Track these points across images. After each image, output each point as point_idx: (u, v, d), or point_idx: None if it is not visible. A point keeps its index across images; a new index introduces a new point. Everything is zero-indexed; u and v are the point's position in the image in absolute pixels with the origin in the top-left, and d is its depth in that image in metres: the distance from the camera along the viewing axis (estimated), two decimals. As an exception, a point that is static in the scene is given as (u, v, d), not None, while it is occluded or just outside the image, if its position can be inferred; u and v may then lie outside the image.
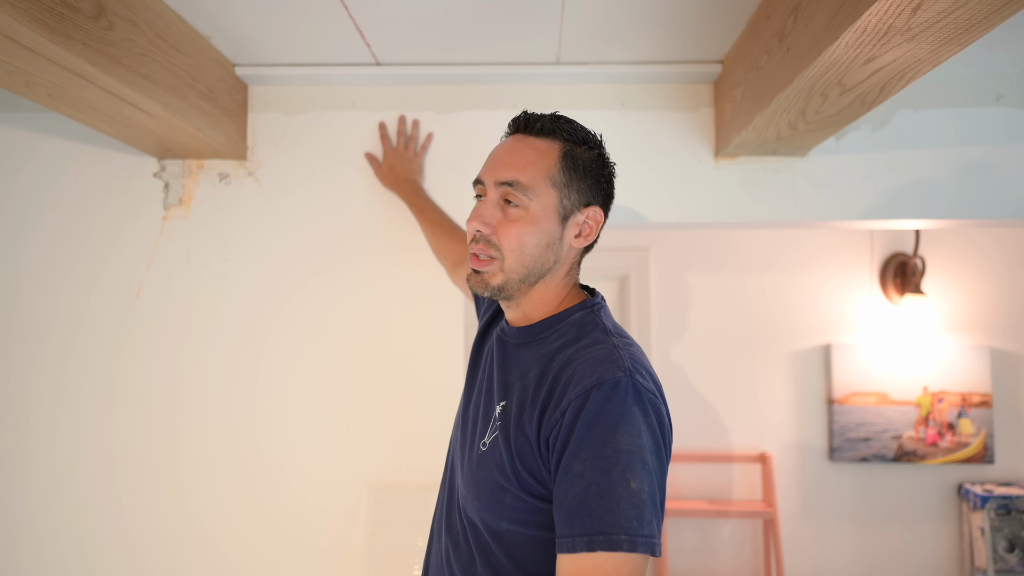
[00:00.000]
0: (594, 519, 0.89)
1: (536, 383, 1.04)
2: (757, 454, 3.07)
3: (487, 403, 1.13)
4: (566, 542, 0.91)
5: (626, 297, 3.19)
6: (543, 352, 1.08)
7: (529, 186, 1.07)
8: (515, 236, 1.07)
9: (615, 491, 0.90)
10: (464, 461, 1.12)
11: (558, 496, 0.94)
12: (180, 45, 1.57)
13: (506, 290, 1.10)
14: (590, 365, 0.98)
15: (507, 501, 1.01)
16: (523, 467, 1.00)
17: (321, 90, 1.87)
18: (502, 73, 1.81)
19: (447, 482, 1.21)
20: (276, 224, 1.86)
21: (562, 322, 1.10)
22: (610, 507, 0.89)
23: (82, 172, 1.89)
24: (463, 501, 1.10)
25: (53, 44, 1.19)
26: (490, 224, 1.08)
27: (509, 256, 1.07)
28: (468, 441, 1.14)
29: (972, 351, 3.04)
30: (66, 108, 1.49)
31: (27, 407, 1.86)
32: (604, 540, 0.88)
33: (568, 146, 1.09)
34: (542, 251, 1.08)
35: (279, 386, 1.83)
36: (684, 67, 1.77)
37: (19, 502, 1.84)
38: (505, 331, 1.18)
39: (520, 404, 1.04)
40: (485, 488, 1.04)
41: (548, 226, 1.08)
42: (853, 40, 1.11)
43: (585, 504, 0.90)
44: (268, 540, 1.81)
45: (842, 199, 1.81)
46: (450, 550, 1.12)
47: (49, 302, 1.87)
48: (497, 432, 1.05)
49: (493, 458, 1.04)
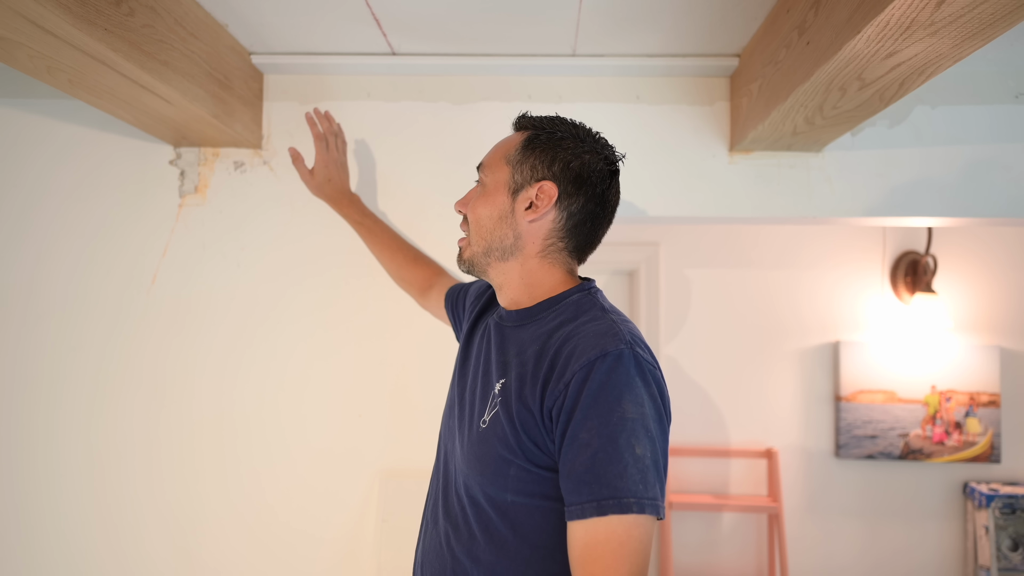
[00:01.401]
0: (603, 484, 0.93)
1: (536, 358, 1.07)
2: (763, 450, 3.07)
3: (484, 383, 1.16)
4: (576, 509, 0.95)
5: (635, 292, 3.19)
6: (541, 331, 1.12)
7: (487, 164, 1.19)
8: (472, 209, 1.19)
9: (622, 457, 0.94)
10: (463, 442, 1.14)
11: (565, 465, 0.98)
12: (198, 32, 1.57)
13: (475, 264, 1.20)
14: (592, 339, 1.02)
15: (511, 473, 1.05)
16: (527, 438, 1.03)
17: (336, 79, 1.87)
18: (517, 64, 1.81)
19: (440, 469, 1.24)
20: (291, 213, 1.87)
21: (560, 303, 1.15)
22: (618, 472, 0.94)
23: (98, 158, 1.90)
24: (464, 480, 1.12)
25: (76, 29, 1.19)
26: (464, 203, 1.22)
27: (472, 230, 1.19)
28: (466, 422, 1.16)
29: (981, 351, 3.04)
30: (85, 94, 1.50)
31: (41, 392, 1.87)
32: (614, 503, 0.92)
33: (534, 132, 1.17)
34: (495, 223, 1.16)
35: (294, 373, 1.84)
36: (700, 60, 1.77)
37: (30, 488, 1.86)
38: (502, 316, 1.22)
39: (520, 379, 1.07)
40: (488, 463, 1.07)
41: (498, 199, 1.16)
42: (875, 34, 1.11)
43: (593, 471, 0.94)
44: (281, 527, 1.82)
45: (857, 196, 1.81)
46: (450, 534, 1.14)
47: (64, 288, 1.88)
48: (497, 408, 1.08)
49: (495, 433, 1.07)
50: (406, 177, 1.87)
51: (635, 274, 3.20)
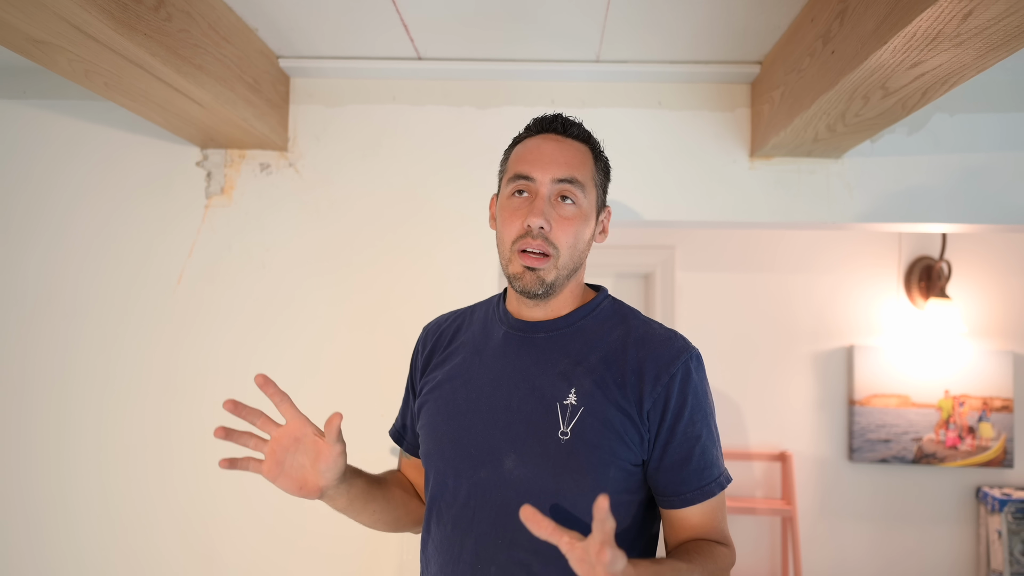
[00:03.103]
0: (714, 467, 1.11)
1: (605, 365, 1.11)
2: (777, 452, 3.08)
3: (542, 396, 1.10)
4: (696, 493, 1.09)
5: (651, 294, 3.21)
6: (592, 337, 1.15)
7: (584, 184, 1.13)
8: (572, 232, 1.11)
9: (716, 442, 1.13)
10: (536, 458, 1.07)
11: (677, 457, 1.09)
12: (230, 36, 1.60)
13: (555, 287, 1.12)
14: (666, 343, 1.13)
15: (611, 475, 1.08)
16: (626, 440, 1.08)
17: (362, 83, 1.90)
18: (542, 70, 1.83)
19: (474, 501, 1.11)
20: (316, 215, 1.89)
21: (595, 310, 1.18)
22: (718, 453, 1.13)
23: (126, 160, 1.93)
24: (541, 496, 1.05)
25: (118, 34, 1.22)
26: (550, 221, 1.09)
27: (564, 252, 1.10)
28: (525, 440, 1.09)
29: (995, 356, 3.04)
30: (120, 97, 1.53)
31: (70, 391, 1.90)
32: (724, 478, 1.12)
33: (596, 152, 1.19)
34: (586, 246, 1.16)
35: (315, 372, 1.87)
36: (723, 67, 1.79)
37: (60, 485, 1.89)
38: (522, 327, 1.16)
39: (602, 385, 1.10)
40: (586, 471, 1.06)
41: (591, 221, 1.16)
42: (901, 45, 1.13)
43: (706, 458, 1.10)
44: (298, 524, 1.85)
45: (876, 202, 1.82)
46: (531, 563, 1.06)
47: (92, 288, 1.91)
48: (580, 416, 1.08)
49: (585, 441, 1.07)
50: (430, 181, 1.89)
51: (651, 277, 3.22)
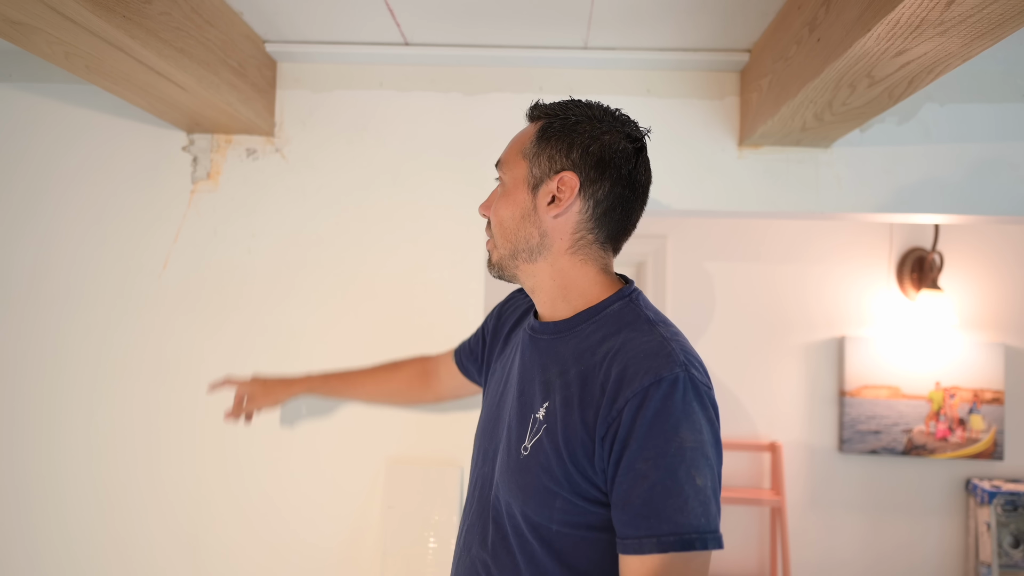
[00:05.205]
0: (663, 520, 0.89)
1: (580, 381, 1.01)
2: (767, 443, 3.09)
3: (522, 405, 1.09)
4: (632, 543, 0.91)
5: (642, 284, 3.21)
6: (582, 347, 1.05)
7: (504, 161, 1.13)
8: (495, 211, 1.13)
9: (683, 490, 0.89)
10: (502, 468, 1.08)
11: (620, 495, 0.93)
12: (213, 20, 1.59)
13: (504, 268, 1.14)
14: (643, 360, 0.95)
15: (557, 505, 0.99)
16: (575, 470, 0.97)
17: (349, 69, 1.89)
18: (529, 56, 1.82)
19: (475, 495, 1.16)
20: (302, 200, 1.88)
21: (599, 314, 1.07)
22: (678, 506, 0.89)
23: (110, 143, 1.92)
24: (507, 508, 1.06)
25: (95, 16, 1.21)
26: (487, 206, 1.15)
27: (496, 233, 1.13)
28: (503, 447, 1.10)
29: (986, 348, 3.04)
30: (101, 80, 1.52)
31: (56, 376, 1.89)
32: (676, 540, 0.88)
33: (547, 120, 1.10)
34: (518, 223, 1.09)
35: (303, 360, 1.86)
36: (711, 55, 1.78)
37: (50, 469, 1.89)
38: (535, 327, 1.15)
39: (566, 404, 1.00)
40: (531, 493, 1.01)
41: (519, 197, 1.09)
42: (885, 32, 1.12)
43: (651, 505, 0.89)
44: (286, 514, 1.85)
45: (865, 192, 1.82)
46: (488, 563, 1.08)
47: (76, 272, 1.91)
48: (540, 435, 1.02)
49: (538, 462, 1.00)
50: (416, 166, 1.88)
51: (642, 266, 3.22)
